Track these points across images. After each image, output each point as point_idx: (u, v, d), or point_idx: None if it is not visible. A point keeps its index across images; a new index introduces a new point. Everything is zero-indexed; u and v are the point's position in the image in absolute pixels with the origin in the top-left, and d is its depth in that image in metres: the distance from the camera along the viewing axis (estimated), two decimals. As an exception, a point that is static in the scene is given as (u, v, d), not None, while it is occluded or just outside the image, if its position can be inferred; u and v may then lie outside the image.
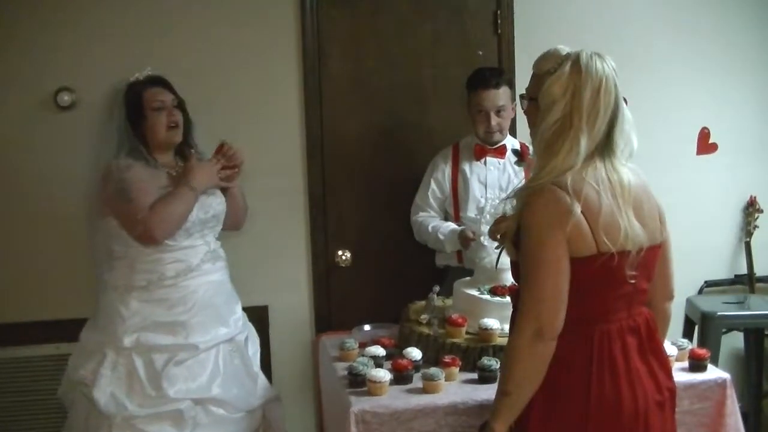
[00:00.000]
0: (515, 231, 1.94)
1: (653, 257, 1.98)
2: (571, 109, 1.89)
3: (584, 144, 1.88)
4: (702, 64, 3.92)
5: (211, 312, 2.74)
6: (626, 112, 1.96)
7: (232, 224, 2.98)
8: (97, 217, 2.70)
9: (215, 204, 2.83)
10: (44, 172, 3.39)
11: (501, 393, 1.94)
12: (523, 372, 1.89)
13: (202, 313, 2.70)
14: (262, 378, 2.91)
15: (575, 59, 1.92)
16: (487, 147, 3.27)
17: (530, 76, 2.03)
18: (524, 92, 2.07)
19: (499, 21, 3.73)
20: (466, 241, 3.09)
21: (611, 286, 1.92)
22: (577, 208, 1.84)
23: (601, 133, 1.90)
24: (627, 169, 1.96)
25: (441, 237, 3.20)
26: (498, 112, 3.19)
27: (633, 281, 1.91)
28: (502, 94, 3.17)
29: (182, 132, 2.78)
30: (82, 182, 3.28)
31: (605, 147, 1.93)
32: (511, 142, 3.31)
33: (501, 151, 3.28)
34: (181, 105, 2.79)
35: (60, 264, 3.41)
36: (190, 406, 2.60)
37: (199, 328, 2.68)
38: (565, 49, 1.97)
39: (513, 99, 3.21)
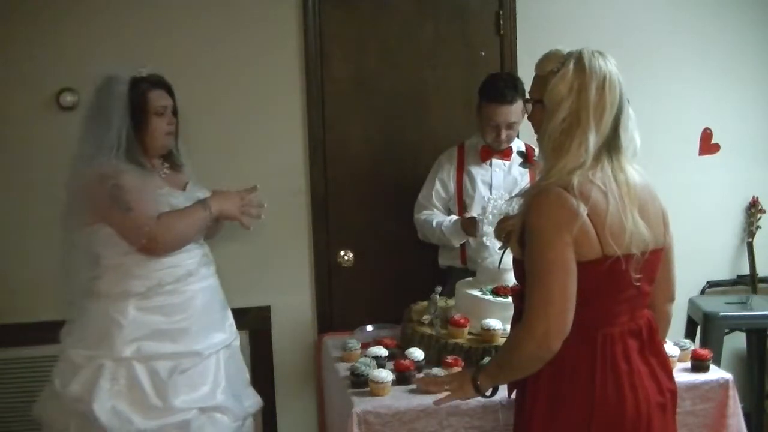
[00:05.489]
0: (521, 231, 1.94)
1: (656, 260, 1.98)
2: (578, 107, 1.88)
3: (593, 141, 1.87)
4: (704, 64, 3.92)
5: (209, 318, 2.66)
6: (629, 110, 1.96)
7: (207, 236, 2.86)
8: (84, 224, 2.55)
9: None
10: (46, 172, 3.38)
11: (496, 363, 2.02)
12: (520, 364, 1.92)
13: (201, 319, 2.62)
14: (250, 387, 2.86)
15: (578, 57, 1.92)
16: (493, 149, 3.27)
17: (532, 79, 2.03)
18: (528, 97, 2.07)
19: (501, 21, 3.73)
20: (469, 225, 3.07)
21: (616, 290, 1.91)
22: (584, 211, 1.83)
23: (607, 129, 1.90)
24: (632, 169, 1.96)
25: (445, 230, 3.19)
26: (509, 126, 3.16)
27: (638, 284, 1.91)
28: (514, 110, 3.11)
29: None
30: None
31: (612, 145, 1.92)
32: (516, 144, 3.30)
33: (507, 153, 3.27)
34: (176, 111, 2.70)
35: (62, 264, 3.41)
36: (197, 415, 2.52)
37: (199, 334, 2.59)
38: (565, 49, 1.97)
39: (524, 111, 3.18)
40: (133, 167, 2.53)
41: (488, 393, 2.09)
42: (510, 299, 2.54)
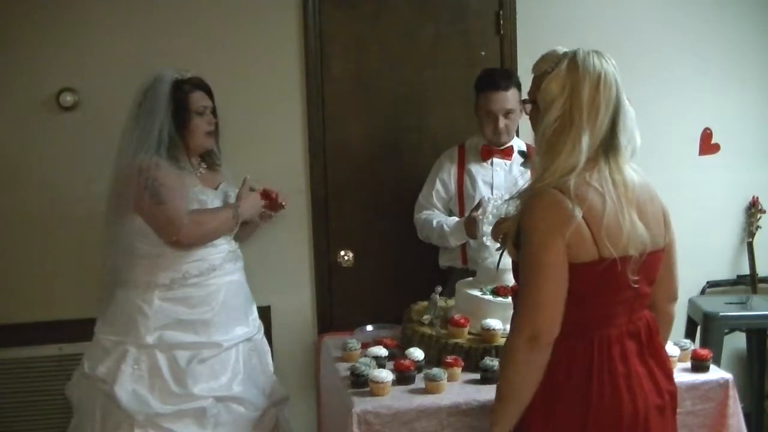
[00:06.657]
0: (516, 232, 1.93)
1: (656, 261, 1.97)
2: (571, 106, 1.87)
3: (586, 142, 1.85)
4: (704, 64, 3.92)
5: (232, 312, 2.77)
6: (629, 109, 1.94)
7: (242, 237, 3.00)
8: (121, 214, 2.68)
9: None
10: (46, 173, 3.40)
11: (498, 399, 1.95)
12: (517, 376, 1.89)
13: (224, 312, 2.74)
14: (274, 378, 2.96)
15: (572, 57, 1.91)
16: (494, 148, 3.27)
17: (531, 80, 2.03)
18: (526, 97, 2.06)
19: (501, 21, 3.73)
20: (471, 226, 3.07)
21: (613, 292, 1.90)
22: (579, 214, 1.82)
23: (603, 129, 1.88)
24: (631, 169, 1.94)
25: (446, 229, 3.19)
26: (506, 115, 3.17)
27: (636, 285, 1.90)
28: (510, 97, 3.15)
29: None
30: (85, 183, 3.32)
31: (609, 145, 1.90)
32: (517, 143, 3.30)
33: (507, 153, 3.27)
34: (215, 112, 2.83)
35: (62, 265, 3.42)
36: (213, 403, 2.63)
37: (221, 327, 2.72)
38: (562, 49, 1.96)
39: (522, 108, 3.19)
40: (170, 164, 2.66)
41: None
42: (510, 299, 2.54)
